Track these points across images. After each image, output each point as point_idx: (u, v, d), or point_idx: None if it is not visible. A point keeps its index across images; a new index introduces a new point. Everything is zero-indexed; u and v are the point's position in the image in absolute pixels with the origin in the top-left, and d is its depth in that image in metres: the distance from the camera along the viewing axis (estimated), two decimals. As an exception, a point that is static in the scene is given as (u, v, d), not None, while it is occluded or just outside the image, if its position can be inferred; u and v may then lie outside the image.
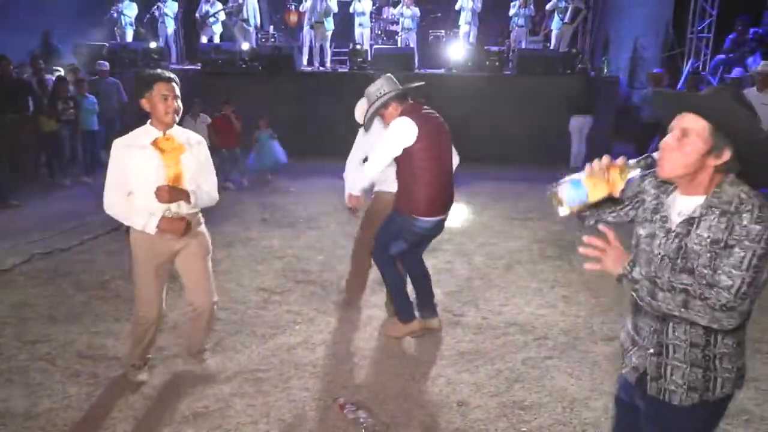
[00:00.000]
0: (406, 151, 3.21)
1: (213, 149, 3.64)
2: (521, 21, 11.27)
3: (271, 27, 12.91)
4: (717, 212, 1.48)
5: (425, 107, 3.37)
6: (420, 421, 2.88)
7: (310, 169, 8.62)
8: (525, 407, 2.99)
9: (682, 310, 1.48)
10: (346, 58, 11.11)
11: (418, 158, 3.21)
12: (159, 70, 2.81)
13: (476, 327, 3.87)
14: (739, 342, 1.59)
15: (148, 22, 11.60)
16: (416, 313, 3.67)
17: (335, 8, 10.74)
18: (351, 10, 11.24)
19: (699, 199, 1.53)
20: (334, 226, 6.12)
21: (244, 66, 10.24)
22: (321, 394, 3.09)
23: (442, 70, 10.70)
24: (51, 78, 8.51)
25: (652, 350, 1.64)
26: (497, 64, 10.22)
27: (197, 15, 11.34)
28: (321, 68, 10.85)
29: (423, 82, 3.48)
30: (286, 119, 9.33)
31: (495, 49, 10.72)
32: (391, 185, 3.54)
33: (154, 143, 2.78)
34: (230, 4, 11.14)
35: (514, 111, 9.51)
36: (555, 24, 11.09)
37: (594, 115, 8.91)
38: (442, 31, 12.88)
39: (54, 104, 7.73)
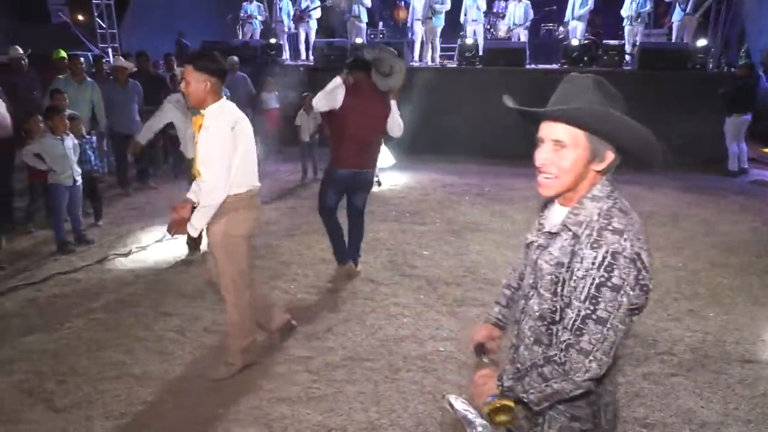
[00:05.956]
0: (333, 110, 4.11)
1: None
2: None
3: (380, 23, 13.13)
4: (570, 233, 1.33)
5: (373, 86, 4.11)
6: (532, 427, 2.79)
7: (418, 165, 8.62)
8: (647, 425, 2.80)
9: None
10: (454, 53, 11.01)
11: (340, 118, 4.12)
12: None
13: (591, 335, 3.68)
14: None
15: (267, 20, 12.24)
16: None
17: (448, 5, 10.63)
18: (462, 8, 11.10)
19: (565, 212, 1.38)
20: (439, 222, 6.10)
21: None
22: (430, 388, 3.09)
23: (555, 65, 10.27)
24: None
25: None
26: (616, 58, 9.63)
27: (295, 9, 11.73)
28: (430, 64, 10.84)
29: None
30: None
31: (614, 43, 10.12)
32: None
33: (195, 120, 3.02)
34: (341, 3, 11.44)
35: (634, 109, 8.87)
36: (676, 15, 10.27)
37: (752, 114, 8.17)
38: (555, 24, 12.36)
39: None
